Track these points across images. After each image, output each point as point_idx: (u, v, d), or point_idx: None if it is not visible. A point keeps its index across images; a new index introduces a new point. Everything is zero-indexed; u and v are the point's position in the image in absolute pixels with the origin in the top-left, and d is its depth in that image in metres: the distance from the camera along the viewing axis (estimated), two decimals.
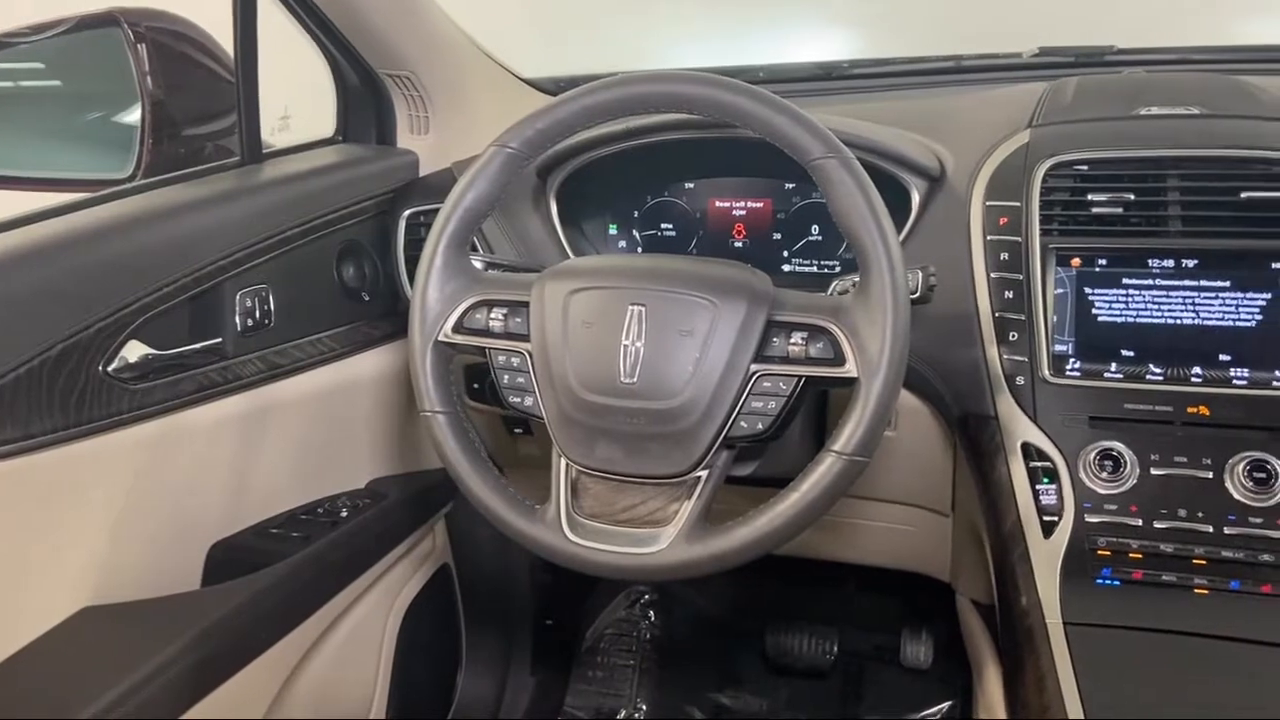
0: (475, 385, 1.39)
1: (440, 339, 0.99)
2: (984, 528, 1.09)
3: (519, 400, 0.98)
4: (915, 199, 1.18)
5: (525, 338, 0.97)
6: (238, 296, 1.17)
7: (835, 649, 1.83)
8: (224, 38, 1.30)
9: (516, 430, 1.46)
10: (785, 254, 1.35)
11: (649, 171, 1.38)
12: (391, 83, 1.43)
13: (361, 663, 1.44)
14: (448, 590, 1.66)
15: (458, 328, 0.99)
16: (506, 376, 0.99)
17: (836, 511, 1.39)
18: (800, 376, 0.90)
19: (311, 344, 1.28)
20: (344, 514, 1.32)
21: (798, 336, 0.90)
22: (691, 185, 1.39)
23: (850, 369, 0.87)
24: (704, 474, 0.92)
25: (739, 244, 1.37)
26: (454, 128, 1.47)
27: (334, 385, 1.32)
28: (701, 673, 1.89)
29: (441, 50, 1.44)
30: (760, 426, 0.91)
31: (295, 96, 1.55)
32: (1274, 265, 1.01)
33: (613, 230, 1.42)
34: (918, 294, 0.96)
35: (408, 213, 1.37)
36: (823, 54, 2.15)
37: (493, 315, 0.99)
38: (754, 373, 0.90)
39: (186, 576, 1.18)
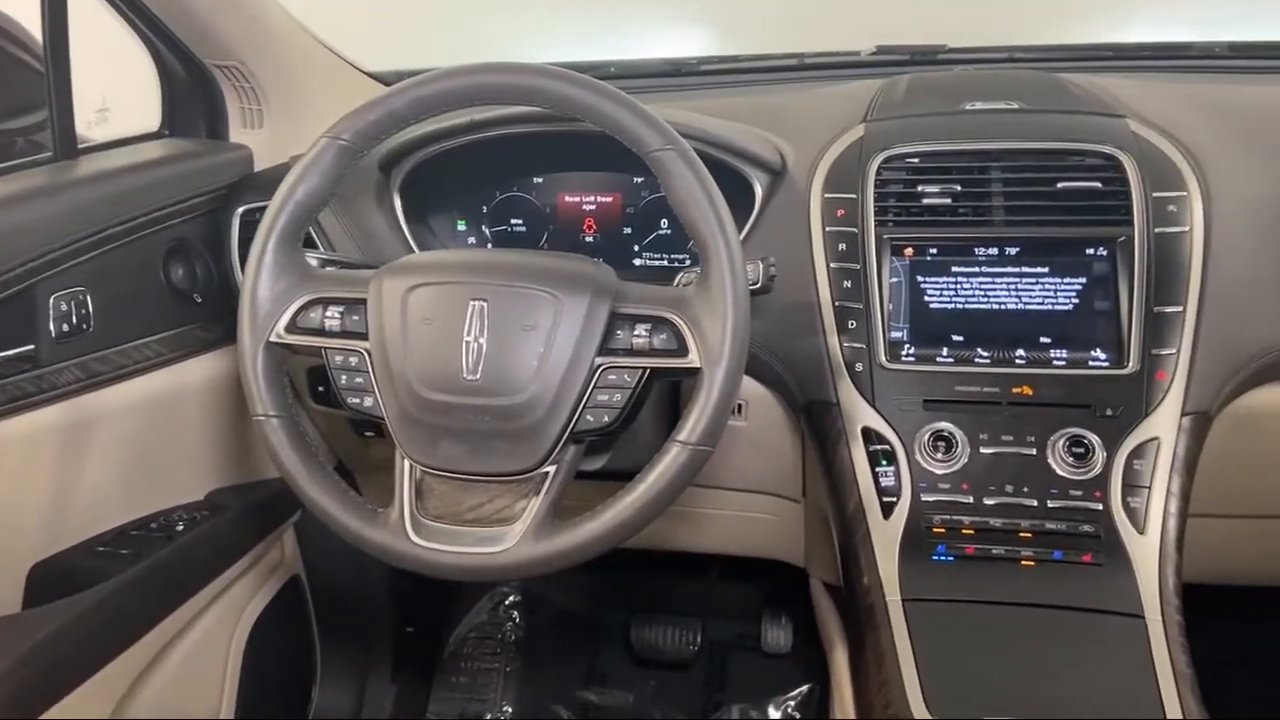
0: (320, 388, 1.34)
1: (272, 339, 0.95)
2: (830, 512, 1.11)
3: (358, 401, 0.95)
4: (758, 192, 1.20)
5: (363, 336, 0.94)
6: (51, 300, 1.10)
7: (699, 639, 1.85)
8: (32, 24, 1.21)
9: (367, 433, 1.42)
10: (636, 248, 1.35)
11: (497, 166, 1.35)
12: (220, 74, 1.36)
13: (205, 681, 1.37)
14: (299, 601, 1.60)
15: (291, 327, 0.95)
16: (344, 377, 0.95)
17: (694, 502, 1.41)
18: (645, 368, 0.89)
19: (137, 349, 1.21)
20: (180, 528, 1.25)
21: (641, 328, 0.90)
22: (541, 180, 1.37)
23: (693, 359, 0.88)
24: (551, 470, 0.91)
25: (590, 239, 1.36)
26: (291, 121, 1.41)
27: (164, 392, 1.26)
28: (568, 671, 1.88)
29: (272, 40, 1.37)
30: (607, 419, 0.90)
31: (116, 88, 1.46)
32: (1088, 251, 1.07)
33: (461, 226, 1.39)
34: (758, 284, 0.97)
35: (241, 210, 1.31)
36: (674, 51, 2.17)
37: (328, 314, 0.95)
38: (599, 365, 0.90)
39: (5, 599, 1.11)
